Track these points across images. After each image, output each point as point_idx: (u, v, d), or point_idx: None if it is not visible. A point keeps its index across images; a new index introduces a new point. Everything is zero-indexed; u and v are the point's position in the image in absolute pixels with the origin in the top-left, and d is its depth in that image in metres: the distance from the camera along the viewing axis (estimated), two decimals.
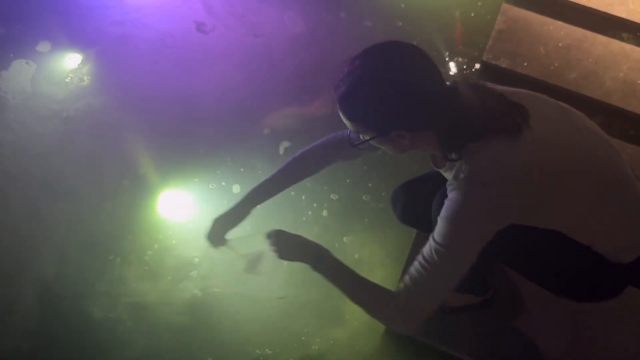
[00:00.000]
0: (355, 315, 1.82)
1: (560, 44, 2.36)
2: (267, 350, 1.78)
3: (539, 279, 1.43)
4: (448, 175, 1.24)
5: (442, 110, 1.15)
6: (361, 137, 1.24)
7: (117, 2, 2.55)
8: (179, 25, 2.49)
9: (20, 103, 2.23)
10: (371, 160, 2.11)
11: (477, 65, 2.39)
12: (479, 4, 2.56)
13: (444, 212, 1.18)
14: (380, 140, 1.21)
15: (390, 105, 1.14)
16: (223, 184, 2.09)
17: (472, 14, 2.53)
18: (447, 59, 2.40)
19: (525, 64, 2.31)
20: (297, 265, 1.31)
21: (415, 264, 1.20)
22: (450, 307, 1.71)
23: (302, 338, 1.80)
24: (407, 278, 1.21)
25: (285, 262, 1.35)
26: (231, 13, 2.53)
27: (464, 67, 2.40)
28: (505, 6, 2.46)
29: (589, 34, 2.39)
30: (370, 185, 2.10)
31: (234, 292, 1.77)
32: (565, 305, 1.48)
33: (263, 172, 2.01)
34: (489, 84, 1.27)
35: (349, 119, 1.19)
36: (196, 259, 1.93)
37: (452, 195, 1.18)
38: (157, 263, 1.92)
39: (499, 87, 1.27)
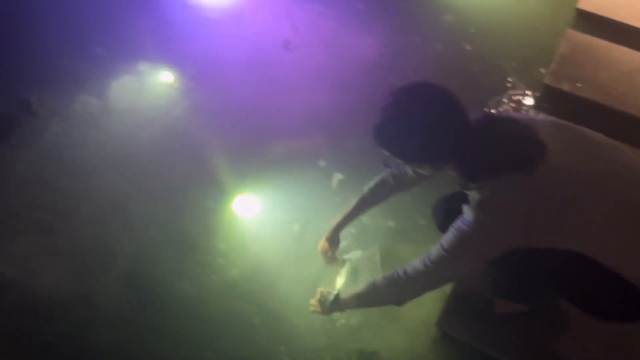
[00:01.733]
0: (410, 317, 1.95)
1: (623, 69, 2.41)
2: (323, 339, 1.94)
3: (567, 295, 1.52)
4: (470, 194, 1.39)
5: (461, 148, 1.30)
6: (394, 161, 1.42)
7: (207, 19, 2.86)
8: (266, 42, 2.76)
9: (122, 112, 2.54)
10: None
11: (540, 89, 2.47)
12: (544, 30, 2.66)
13: (455, 226, 1.34)
14: (410, 166, 1.41)
15: (413, 144, 1.32)
16: (293, 193, 2.30)
17: (537, 40, 2.63)
18: (510, 81, 2.50)
19: (587, 88, 2.37)
20: None
21: (421, 258, 1.42)
22: (500, 314, 1.81)
23: (358, 333, 1.95)
24: (410, 267, 1.45)
25: None
26: (314, 33, 2.77)
27: (527, 90, 2.48)
28: (570, 31, 2.55)
29: None
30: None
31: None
32: (610, 324, 1.53)
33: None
34: (520, 116, 1.40)
35: (382, 148, 1.38)
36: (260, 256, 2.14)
37: (464, 216, 1.33)
38: (228, 258, 2.14)
39: (529, 119, 1.39)
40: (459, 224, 1.33)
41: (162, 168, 2.38)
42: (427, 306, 1.94)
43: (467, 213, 1.32)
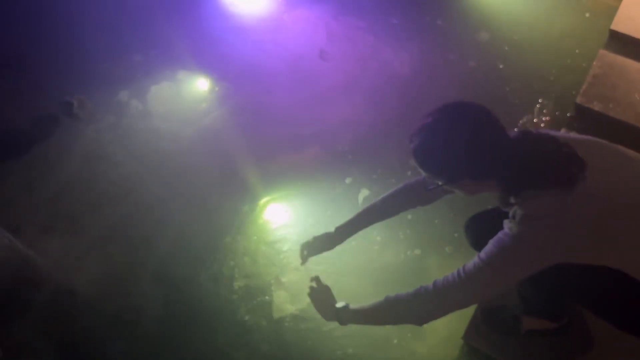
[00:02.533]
0: (436, 331, 1.99)
1: None
2: (350, 350, 1.99)
3: (601, 312, 1.54)
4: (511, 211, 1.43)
5: (502, 163, 1.32)
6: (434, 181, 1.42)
7: (245, 27, 2.96)
8: (302, 51, 2.84)
9: (160, 116, 2.66)
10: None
11: (571, 109, 2.50)
12: (577, 51, 2.69)
13: (496, 239, 1.36)
14: (449, 186, 1.42)
15: (455, 160, 1.33)
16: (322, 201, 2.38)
17: (569, 60, 2.67)
18: (541, 102, 2.54)
19: (618, 109, 2.39)
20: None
21: (454, 272, 1.39)
22: (526, 330, 1.84)
23: (384, 345, 1.99)
24: (441, 280, 1.41)
25: None
26: (350, 45, 2.85)
27: (558, 110, 2.51)
28: (602, 52, 2.57)
29: None
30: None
31: None
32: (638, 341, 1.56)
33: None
34: (557, 133, 1.41)
35: (421, 167, 1.39)
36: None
37: (505, 230, 1.35)
38: (252, 258, 2.23)
39: (566, 136, 1.41)
40: (500, 236, 1.34)
41: (195, 171, 2.48)
42: (453, 321, 1.93)
43: (510, 227, 1.33)
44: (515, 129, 1.39)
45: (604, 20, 2.73)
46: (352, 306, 1.59)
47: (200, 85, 2.76)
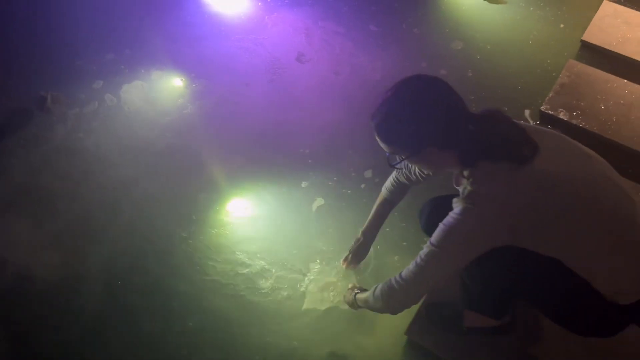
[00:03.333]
0: (383, 323, 1.99)
1: (622, 102, 2.44)
2: (295, 343, 2.00)
3: (541, 306, 1.55)
4: (461, 188, 1.44)
5: (463, 131, 1.34)
6: (397, 158, 1.44)
7: (226, 27, 3.02)
8: (280, 53, 2.90)
9: (132, 113, 2.70)
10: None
11: (537, 118, 2.52)
12: (548, 61, 2.71)
13: (444, 220, 1.38)
14: (413, 160, 1.44)
15: (417, 128, 1.34)
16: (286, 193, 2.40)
17: (539, 70, 2.69)
18: (506, 110, 2.55)
19: (583, 118, 2.40)
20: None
21: (411, 264, 1.45)
22: (468, 327, 1.84)
23: (331, 338, 2.00)
24: (401, 273, 1.49)
25: None
26: (328, 50, 2.89)
27: (524, 119, 2.52)
28: (571, 62, 2.59)
29: None
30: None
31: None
32: (581, 340, 1.56)
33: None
34: (516, 120, 1.43)
35: (384, 142, 1.41)
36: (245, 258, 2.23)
37: (455, 209, 1.38)
38: (213, 258, 2.24)
39: (524, 124, 1.43)
40: (448, 218, 1.37)
41: (165, 166, 2.51)
42: (401, 314, 1.97)
43: (456, 205, 1.36)
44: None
45: (578, 32, 2.75)
46: (358, 295, 1.79)
47: (174, 83, 2.81)
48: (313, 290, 2.11)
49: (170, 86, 2.80)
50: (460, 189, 1.44)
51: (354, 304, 1.85)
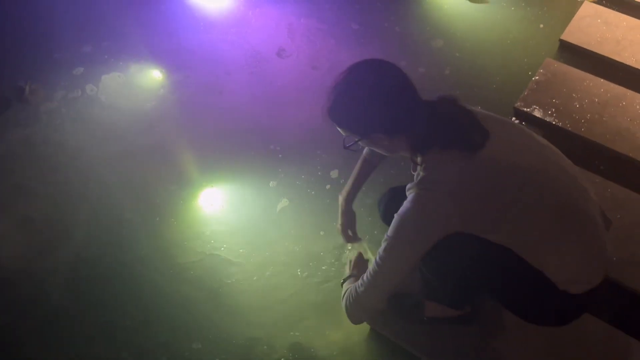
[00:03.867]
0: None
1: (596, 100, 2.44)
2: (259, 332, 2.00)
3: (495, 294, 1.56)
4: (415, 175, 1.45)
5: (413, 118, 1.35)
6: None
7: (207, 20, 3.04)
8: (260, 47, 2.90)
9: (109, 104, 2.71)
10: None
11: (511, 116, 2.52)
12: (525, 60, 2.72)
13: (398, 211, 1.39)
14: (365, 142, 1.45)
15: (366, 113, 1.36)
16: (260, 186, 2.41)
17: (515, 69, 2.70)
18: (479, 108, 2.56)
19: (556, 115, 2.41)
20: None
21: (372, 264, 1.47)
22: (428, 317, 1.84)
23: (295, 326, 2.01)
24: (363, 276, 1.51)
25: None
26: (308, 46, 2.90)
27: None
28: (548, 60, 2.60)
29: (629, 92, 2.46)
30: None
31: None
32: (540, 329, 1.56)
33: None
34: (471, 107, 1.44)
35: (337, 125, 1.43)
36: (223, 247, 2.23)
37: (408, 197, 1.39)
38: (184, 247, 2.25)
39: (476, 110, 1.44)
40: (401, 208, 1.38)
41: (140, 157, 2.51)
42: None
43: (409, 193, 1.37)
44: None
45: (557, 32, 2.76)
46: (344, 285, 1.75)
47: (152, 75, 2.82)
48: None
49: (148, 78, 2.81)
50: (414, 174, 1.45)
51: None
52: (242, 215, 2.31)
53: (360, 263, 1.84)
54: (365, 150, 1.89)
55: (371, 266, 1.48)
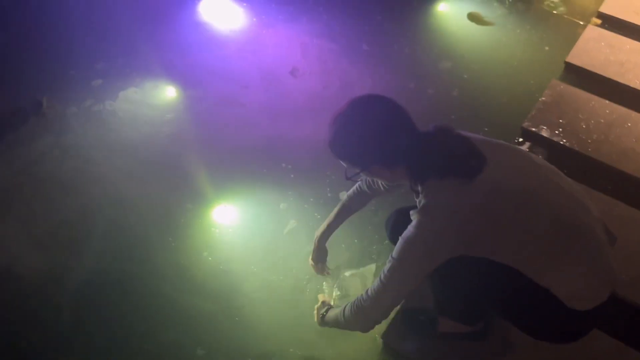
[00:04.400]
0: (358, 333, 2.02)
1: (602, 120, 2.50)
2: (271, 346, 2.03)
3: (504, 313, 1.58)
4: (417, 201, 1.50)
5: (411, 150, 1.40)
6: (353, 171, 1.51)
7: (222, 40, 3.12)
8: (274, 66, 2.98)
9: (124, 120, 2.77)
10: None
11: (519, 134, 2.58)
12: (531, 81, 2.79)
13: (403, 234, 1.43)
14: (366, 173, 1.51)
15: (365, 147, 1.42)
16: (280, 206, 2.46)
17: (521, 90, 2.76)
18: (486, 130, 2.60)
19: (563, 135, 2.46)
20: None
21: (376, 280, 1.50)
22: (441, 333, 1.87)
23: (309, 339, 2.03)
24: (368, 290, 1.54)
25: None
26: (320, 65, 2.97)
27: (502, 139, 2.58)
28: (554, 82, 2.67)
29: (634, 114, 2.52)
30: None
31: None
32: (552, 346, 1.59)
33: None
34: (468, 134, 1.49)
35: (337, 158, 1.49)
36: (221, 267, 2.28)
37: (412, 222, 1.43)
38: (197, 260, 2.28)
39: (472, 136, 1.49)
40: (405, 231, 1.42)
41: (154, 172, 2.56)
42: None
43: (413, 218, 1.41)
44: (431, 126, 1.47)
45: (562, 54, 2.83)
46: (328, 313, 1.83)
47: (167, 91, 2.88)
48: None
49: (164, 94, 2.87)
50: (417, 201, 1.49)
51: (321, 321, 1.89)
52: (254, 234, 2.35)
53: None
54: (346, 196, 1.95)
55: (376, 282, 1.51)
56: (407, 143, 1.40)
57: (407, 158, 1.41)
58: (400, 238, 1.43)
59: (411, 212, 1.43)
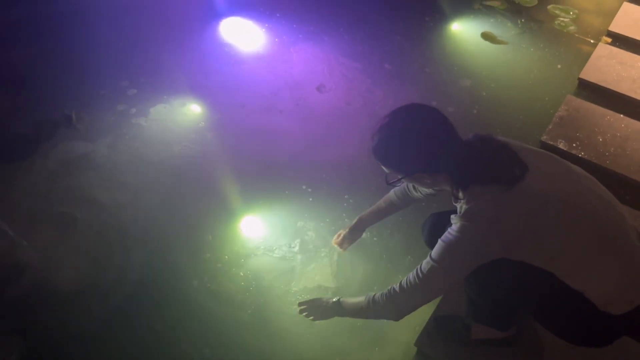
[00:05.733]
0: (392, 334, 2.07)
1: (618, 134, 2.59)
2: (304, 357, 2.05)
3: (539, 317, 1.64)
4: (458, 206, 1.56)
5: (454, 158, 1.46)
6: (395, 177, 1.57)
7: (248, 58, 3.22)
8: (302, 81, 3.06)
9: (151, 136, 2.82)
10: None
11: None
12: (546, 98, 2.90)
13: (443, 237, 1.49)
14: (408, 180, 1.58)
15: (409, 155, 1.48)
16: (298, 224, 2.51)
17: (537, 107, 2.86)
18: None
19: (581, 148, 2.55)
20: None
21: (414, 272, 1.54)
22: (475, 339, 1.92)
23: (340, 353, 2.06)
24: (404, 281, 1.57)
25: None
26: (346, 83, 3.06)
27: None
28: (569, 97, 2.77)
29: None
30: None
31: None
32: (581, 350, 1.62)
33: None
34: (504, 139, 1.55)
35: (381, 164, 1.55)
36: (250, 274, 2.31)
37: (452, 226, 1.48)
38: (227, 271, 2.31)
39: (513, 142, 1.55)
40: (446, 234, 1.47)
41: (180, 185, 2.61)
42: (409, 326, 2.06)
43: (454, 222, 1.46)
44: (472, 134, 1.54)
45: (574, 71, 2.94)
46: (343, 300, 1.82)
47: (193, 109, 2.96)
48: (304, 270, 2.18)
49: (189, 112, 2.94)
50: (457, 206, 1.55)
51: (339, 308, 1.85)
52: (273, 252, 2.39)
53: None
54: (393, 192, 2.01)
55: (411, 277, 1.55)
56: (450, 150, 1.45)
57: (450, 165, 1.47)
58: (440, 240, 1.48)
59: (452, 217, 1.48)
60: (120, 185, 2.63)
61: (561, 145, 2.58)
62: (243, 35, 3.38)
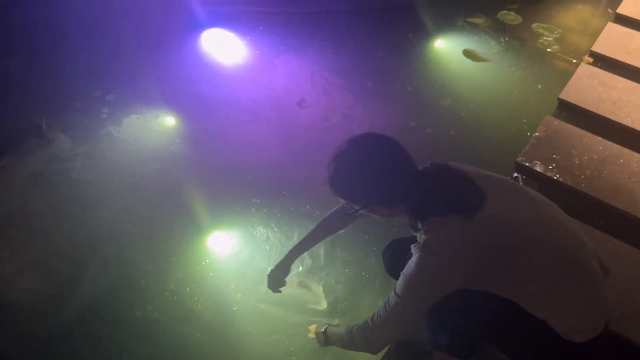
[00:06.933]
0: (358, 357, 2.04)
1: (595, 157, 2.55)
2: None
3: (502, 345, 1.60)
4: (418, 236, 1.53)
5: (410, 189, 1.43)
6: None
7: (230, 71, 3.20)
8: (283, 95, 3.05)
9: (127, 144, 2.82)
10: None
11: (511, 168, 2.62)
12: (524, 120, 2.87)
13: (405, 270, 1.45)
14: (365, 211, 1.53)
15: (365, 188, 1.45)
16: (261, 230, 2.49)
17: (514, 129, 2.84)
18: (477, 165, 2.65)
19: (557, 170, 2.51)
20: None
21: (382, 306, 1.52)
22: None
23: None
24: (375, 315, 1.55)
25: None
26: (327, 99, 3.03)
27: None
28: (548, 118, 2.73)
29: (626, 151, 2.57)
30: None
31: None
32: None
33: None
34: (462, 166, 1.53)
35: (337, 195, 1.51)
36: (232, 285, 2.29)
37: (413, 257, 1.45)
38: (191, 289, 2.30)
39: (470, 170, 1.53)
40: (407, 267, 1.44)
41: (150, 197, 2.59)
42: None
43: (414, 253, 1.43)
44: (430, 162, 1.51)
45: (555, 91, 2.91)
46: (329, 332, 1.84)
47: (169, 121, 2.94)
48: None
49: (164, 123, 2.93)
50: (417, 235, 1.51)
51: (321, 338, 1.89)
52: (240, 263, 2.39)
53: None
54: (331, 214, 1.92)
55: (381, 311, 1.53)
56: (406, 182, 1.42)
57: (407, 197, 1.44)
58: (402, 274, 1.45)
59: (412, 247, 1.45)
60: (88, 197, 2.60)
61: (537, 167, 2.54)
62: (224, 47, 3.36)
